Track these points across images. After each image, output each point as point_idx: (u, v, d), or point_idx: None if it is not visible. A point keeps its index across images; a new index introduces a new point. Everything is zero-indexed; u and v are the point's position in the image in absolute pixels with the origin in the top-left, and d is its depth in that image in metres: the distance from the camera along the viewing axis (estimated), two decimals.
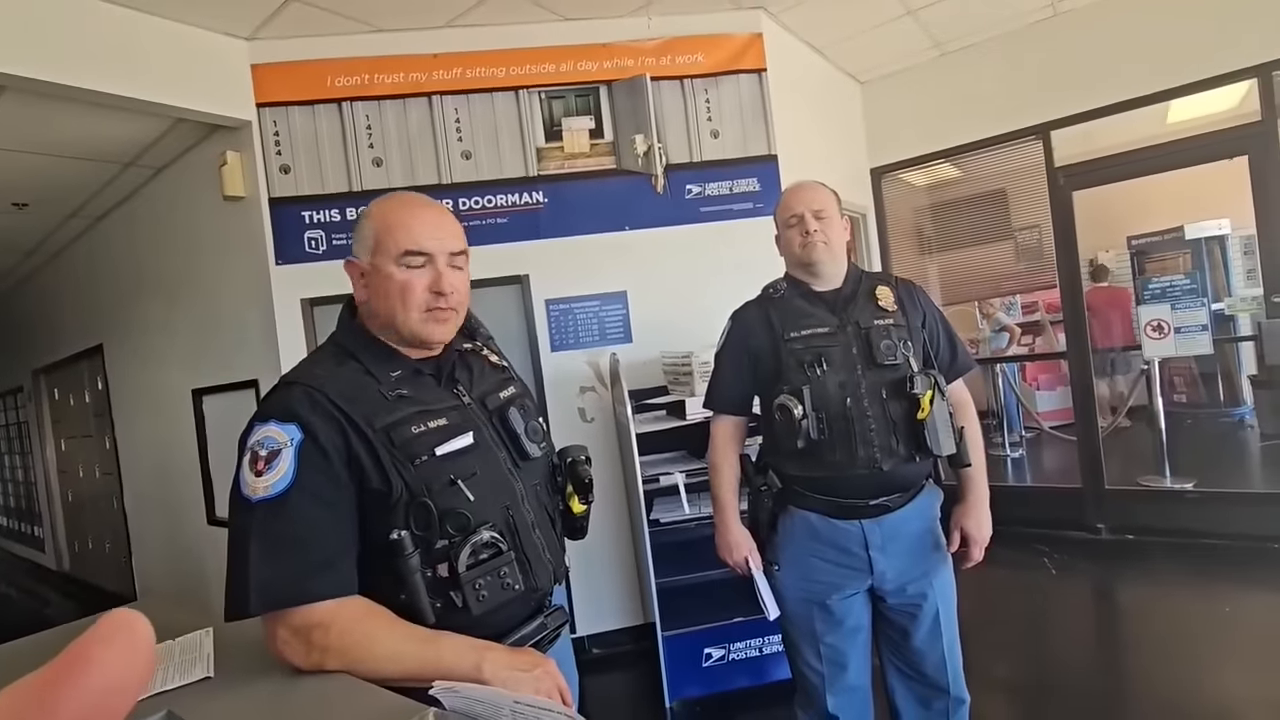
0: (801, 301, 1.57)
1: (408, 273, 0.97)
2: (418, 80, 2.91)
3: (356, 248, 1.00)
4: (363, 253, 0.99)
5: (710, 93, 3.07)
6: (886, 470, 1.45)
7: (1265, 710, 2.14)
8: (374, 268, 0.98)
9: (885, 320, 1.51)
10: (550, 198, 2.98)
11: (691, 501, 2.64)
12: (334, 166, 2.86)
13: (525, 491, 1.04)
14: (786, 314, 1.55)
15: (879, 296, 1.54)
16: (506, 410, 1.06)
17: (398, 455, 0.91)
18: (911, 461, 1.46)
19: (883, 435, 1.44)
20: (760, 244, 3.11)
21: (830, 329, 1.51)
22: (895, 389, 1.45)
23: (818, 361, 1.47)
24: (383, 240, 0.97)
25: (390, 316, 0.98)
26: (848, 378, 1.47)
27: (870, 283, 1.58)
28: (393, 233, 0.97)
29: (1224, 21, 3.14)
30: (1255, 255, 3.27)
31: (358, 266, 0.99)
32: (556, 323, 2.99)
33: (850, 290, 1.57)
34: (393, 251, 0.97)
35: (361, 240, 0.99)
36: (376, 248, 0.98)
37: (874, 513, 1.48)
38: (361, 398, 0.93)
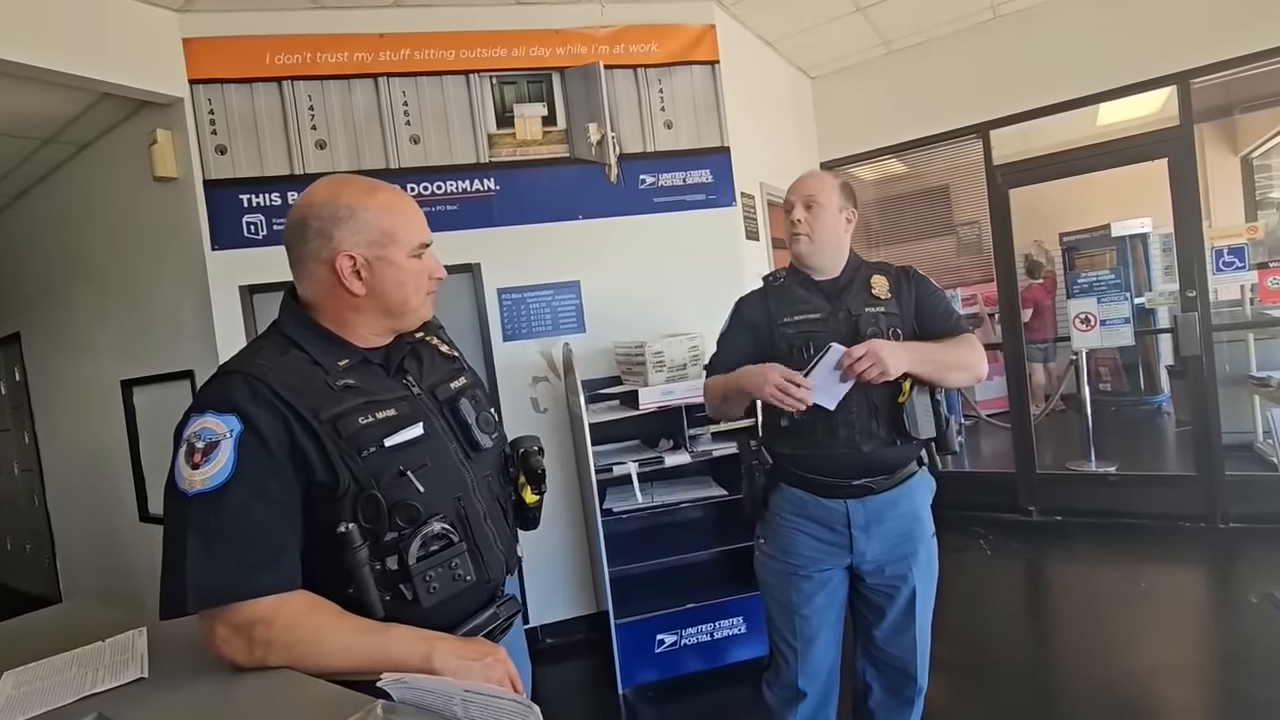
0: (799, 289, 1.61)
1: (419, 262, 1.00)
2: (363, 60, 2.82)
3: (347, 239, 0.95)
4: (360, 245, 0.95)
5: (664, 83, 3.07)
6: (866, 451, 1.50)
7: (1178, 674, 2.32)
8: (381, 260, 0.97)
9: (876, 308, 1.55)
10: (502, 185, 2.94)
11: (644, 490, 2.67)
12: (274, 148, 2.74)
13: (477, 482, 1.03)
14: (783, 300, 1.60)
15: (874, 285, 1.58)
16: (457, 401, 1.05)
17: (344, 447, 0.89)
18: (892, 445, 1.51)
19: (863, 417, 1.49)
20: (713, 235, 3.16)
21: (822, 315, 1.55)
22: None
23: (806, 345, 1.51)
24: (397, 234, 0.97)
25: (400, 305, 1.00)
26: None
27: (868, 272, 1.61)
28: (408, 226, 0.99)
29: (1147, 32, 3.32)
30: (1173, 252, 3.48)
31: (352, 258, 0.95)
32: (509, 312, 2.95)
33: (847, 279, 1.60)
34: (409, 244, 0.99)
35: (358, 232, 0.95)
36: (386, 240, 0.97)
37: (858, 493, 1.52)
38: (306, 388, 0.90)
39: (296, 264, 0.99)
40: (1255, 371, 4.30)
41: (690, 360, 2.63)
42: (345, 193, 0.97)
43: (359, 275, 0.96)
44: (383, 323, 1.02)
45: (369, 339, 1.01)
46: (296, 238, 0.97)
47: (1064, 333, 5.72)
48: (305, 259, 0.97)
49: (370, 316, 1.00)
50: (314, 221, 0.95)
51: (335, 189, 0.97)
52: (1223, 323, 3.79)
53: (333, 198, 0.96)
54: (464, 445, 1.03)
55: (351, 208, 0.95)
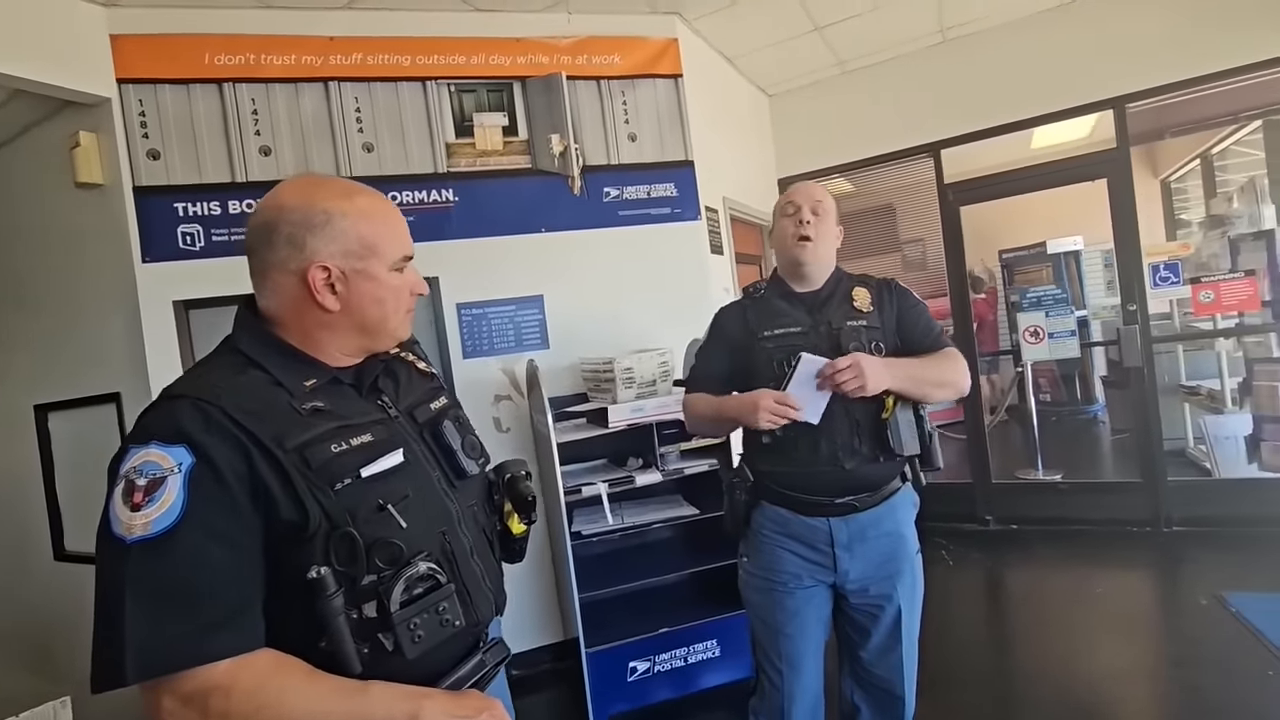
0: (780, 302, 1.58)
1: (400, 277, 0.91)
2: (312, 64, 2.67)
3: (322, 248, 0.84)
4: (336, 256, 0.85)
5: (627, 95, 3.03)
6: (849, 469, 1.47)
7: (1138, 677, 2.37)
8: (359, 273, 0.87)
9: (858, 322, 1.52)
10: (461, 196, 2.82)
11: (614, 511, 2.58)
12: (214, 154, 2.56)
13: (462, 514, 0.93)
14: (763, 313, 1.57)
15: (855, 298, 1.56)
16: (439, 423, 0.95)
17: (314, 479, 0.78)
18: (875, 462, 1.48)
19: (845, 434, 1.47)
20: (679, 249, 3.12)
21: (803, 328, 1.52)
22: None
23: (787, 360, 1.47)
24: (378, 245, 0.88)
25: (378, 324, 0.90)
26: None
27: (849, 284, 1.59)
28: (391, 236, 0.90)
29: (1087, 57, 3.48)
30: (1114, 268, 3.63)
31: (327, 270, 0.85)
32: (469, 328, 2.83)
33: (829, 292, 1.58)
34: (392, 257, 0.89)
35: (334, 240, 0.85)
36: (366, 252, 0.87)
37: (841, 511, 1.49)
38: (269, 412, 0.79)
39: (259, 272, 0.87)
40: (1185, 381, 4.54)
41: (660, 376, 2.57)
42: (321, 195, 0.86)
43: (333, 289, 0.86)
44: (356, 342, 0.91)
45: (338, 358, 0.90)
46: (262, 243, 0.85)
47: (1004, 345, 5.97)
48: (271, 268, 0.86)
49: (342, 335, 0.89)
50: (284, 226, 0.84)
51: (310, 190, 0.86)
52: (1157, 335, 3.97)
53: (307, 201, 0.85)
54: (447, 473, 0.94)
55: (328, 213, 0.85)
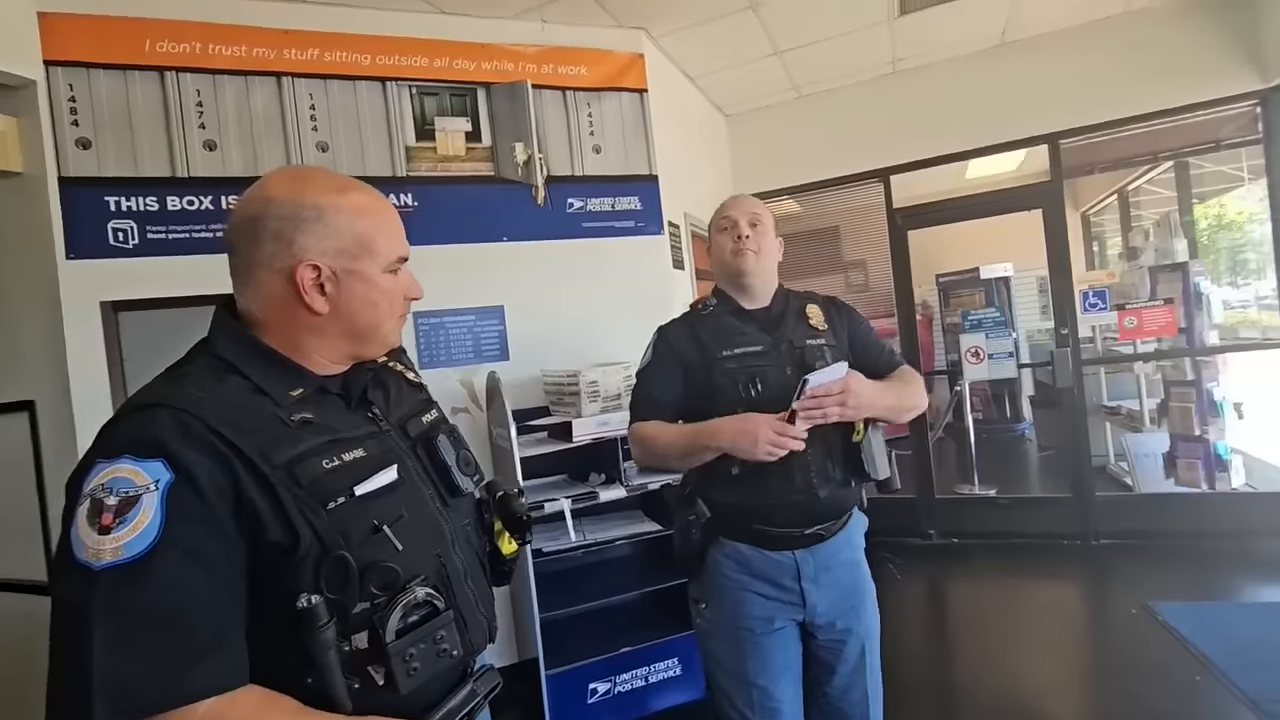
0: (732, 319, 1.49)
1: (394, 279, 0.86)
2: (264, 57, 2.54)
3: (312, 246, 0.78)
4: (327, 254, 0.79)
5: (593, 107, 3.01)
6: (823, 497, 1.38)
7: (1074, 685, 2.49)
8: (352, 274, 0.81)
9: (818, 340, 1.47)
10: (421, 201, 2.73)
11: (577, 528, 2.52)
12: (153, 146, 2.39)
13: (455, 534, 0.87)
14: (717, 332, 1.46)
15: (809, 315, 1.50)
16: (433, 438, 0.89)
17: (305, 498, 0.71)
18: (847, 486, 1.42)
19: (819, 459, 1.38)
20: (642, 263, 3.12)
21: (763, 348, 1.44)
22: None
23: (752, 382, 1.39)
24: (373, 244, 0.82)
25: (370, 329, 0.85)
26: (784, 398, 1.37)
27: (799, 301, 1.54)
28: (387, 235, 0.84)
29: (1026, 94, 3.70)
30: (1048, 294, 3.85)
31: (317, 269, 0.78)
32: (426, 338, 2.73)
33: (780, 309, 1.52)
34: (387, 257, 0.84)
35: (327, 238, 0.79)
36: (360, 251, 0.81)
37: (808, 542, 1.40)
38: (254, 424, 0.72)
39: (241, 271, 0.80)
40: (1107, 401, 4.85)
41: (625, 390, 2.54)
42: (312, 189, 0.80)
43: (323, 290, 0.79)
44: (344, 348, 0.85)
45: (324, 365, 0.84)
46: (245, 239, 0.79)
47: (939, 365, 6.24)
48: (254, 266, 0.79)
49: (330, 340, 0.83)
50: (271, 221, 0.77)
51: (299, 183, 0.80)
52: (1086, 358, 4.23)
53: (296, 194, 0.79)
54: (441, 491, 0.88)
55: (319, 208, 0.79)
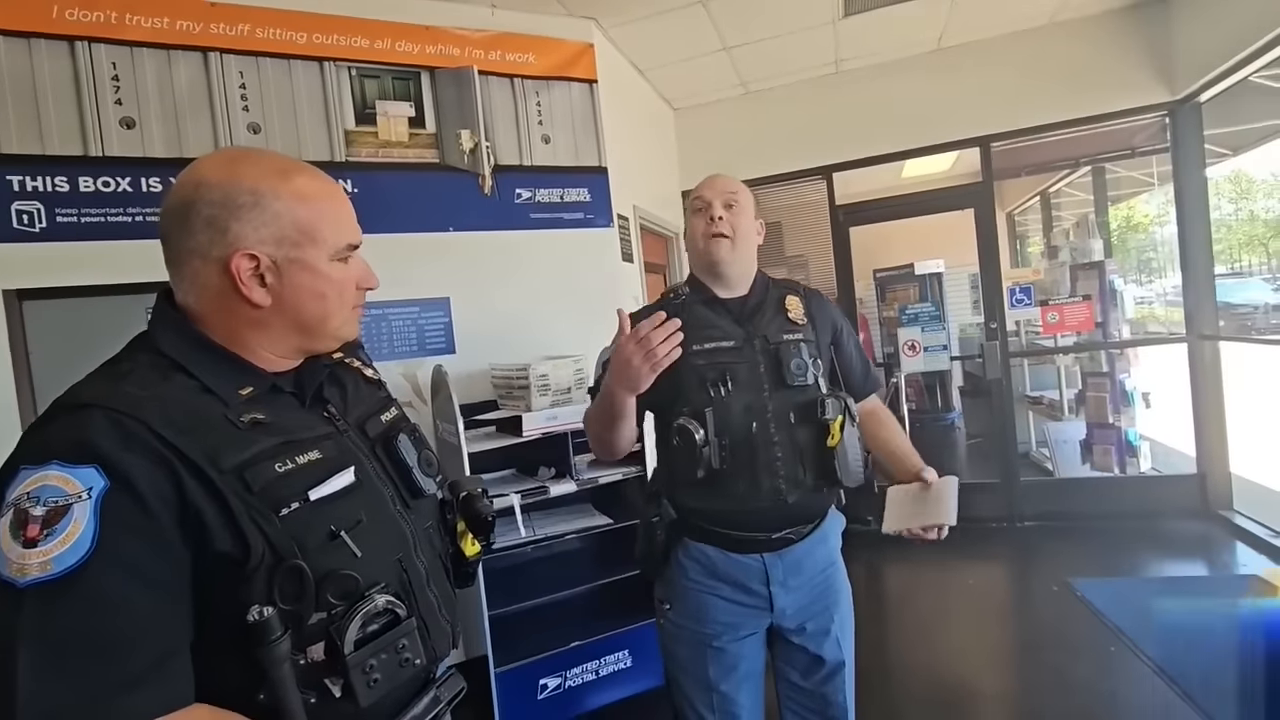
0: (705, 310, 1.39)
1: (344, 268, 0.80)
2: (188, 30, 2.39)
3: (249, 234, 0.72)
4: (266, 242, 0.73)
5: (541, 96, 2.96)
6: (791, 503, 1.31)
7: (1002, 658, 2.66)
8: (295, 263, 0.75)
9: (795, 335, 1.38)
10: (361, 188, 2.63)
11: (526, 523, 2.49)
12: (63, 122, 2.21)
13: (417, 537, 0.84)
14: (688, 324, 1.31)
15: (788, 307, 1.41)
16: (393, 437, 0.86)
17: (256, 504, 0.67)
18: (818, 492, 1.35)
19: (789, 464, 1.31)
20: (591, 256, 3.09)
21: (736, 343, 1.35)
22: (804, 413, 1.33)
23: (722, 380, 1.31)
24: (318, 231, 0.77)
25: (318, 322, 0.79)
26: (754, 399, 1.32)
27: (779, 291, 1.44)
28: (335, 221, 0.79)
29: (960, 98, 3.85)
30: (979, 289, 4.03)
31: (255, 259, 0.73)
32: (368, 330, 2.63)
33: (758, 299, 1.42)
34: (334, 245, 0.78)
35: (265, 225, 0.73)
36: (303, 239, 0.75)
37: (776, 546, 1.34)
38: (200, 426, 0.67)
39: (175, 261, 0.75)
40: (1030, 391, 5.13)
41: (575, 384, 2.52)
42: (248, 172, 0.74)
43: (262, 281, 0.74)
44: (291, 342, 0.80)
45: (273, 361, 0.79)
46: (177, 226, 0.73)
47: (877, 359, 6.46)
48: (188, 255, 0.73)
49: (276, 334, 0.78)
50: (204, 207, 0.72)
51: (234, 166, 0.74)
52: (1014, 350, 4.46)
53: (231, 177, 0.73)
54: (402, 492, 0.85)
55: (257, 193, 0.73)
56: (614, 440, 1.35)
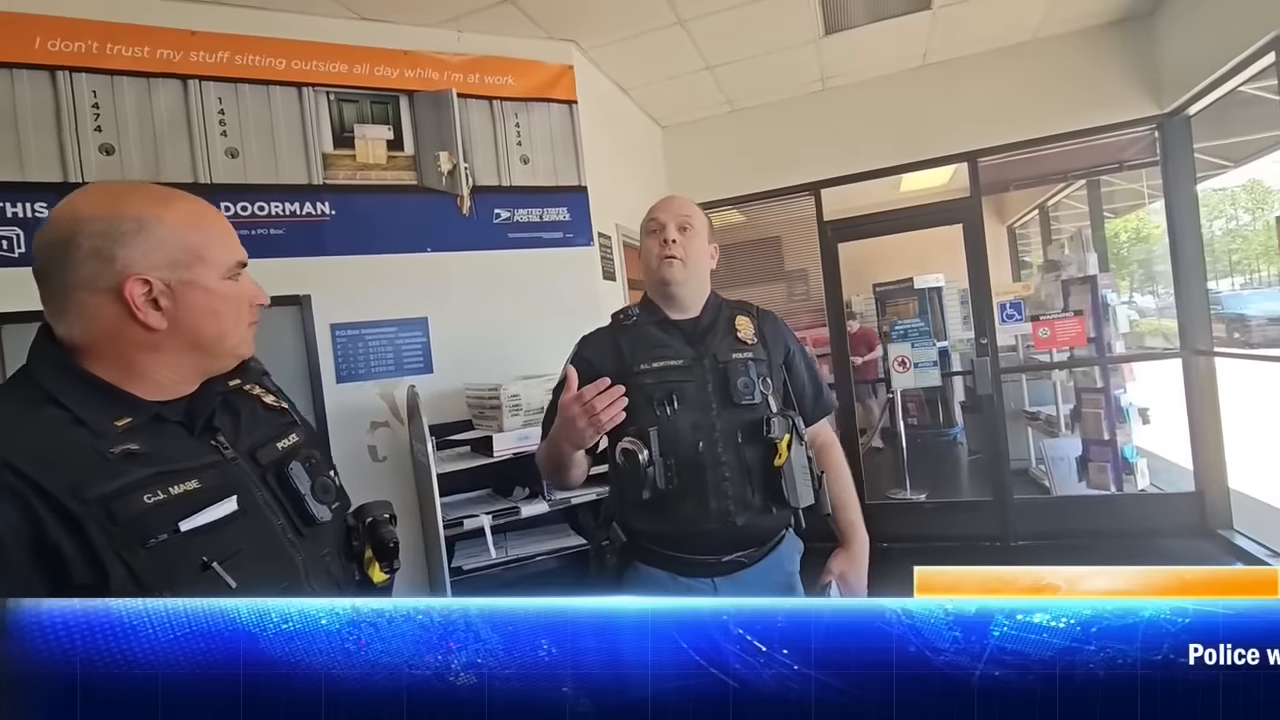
0: (656, 330, 1.40)
1: (236, 286, 0.82)
2: (168, 59, 2.44)
3: (138, 259, 0.73)
4: (157, 266, 0.75)
5: (520, 117, 2.99)
6: (740, 525, 1.30)
7: None
8: (188, 284, 0.77)
9: (744, 354, 1.38)
10: (339, 210, 2.66)
11: (497, 544, 2.48)
12: (42, 149, 2.26)
13: (310, 566, 0.84)
14: (638, 343, 1.38)
15: (739, 327, 1.41)
16: (286, 464, 0.86)
17: (119, 536, 0.67)
18: (768, 513, 1.33)
19: (737, 485, 1.30)
20: (571, 275, 3.10)
21: (685, 361, 1.36)
22: (751, 432, 1.32)
23: (669, 399, 1.31)
24: (206, 251, 0.79)
25: (215, 340, 0.81)
26: (701, 418, 1.33)
27: (730, 312, 1.45)
28: (221, 241, 0.81)
29: (946, 113, 3.83)
30: (969, 304, 3.99)
31: (148, 283, 0.74)
32: (344, 350, 2.65)
33: (710, 320, 1.43)
34: (224, 264, 0.81)
35: (154, 250, 0.74)
36: (192, 259, 0.77)
37: (727, 569, 1.33)
38: (64, 459, 0.68)
39: (56, 297, 0.75)
40: (1029, 406, 5.06)
41: (548, 404, 2.51)
42: (128, 202, 0.75)
43: (157, 305, 0.75)
44: (189, 362, 0.81)
45: (169, 386, 0.79)
46: (56, 263, 0.74)
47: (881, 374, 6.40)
48: (73, 289, 0.74)
49: (172, 356, 0.79)
50: (85, 240, 0.72)
51: (112, 198, 0.76)
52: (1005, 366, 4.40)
53: (111, 208, 0.74)
54: (294, 521, 0.84)
55: (140, 219, 0.74)
56: (564, 480, 1.38)
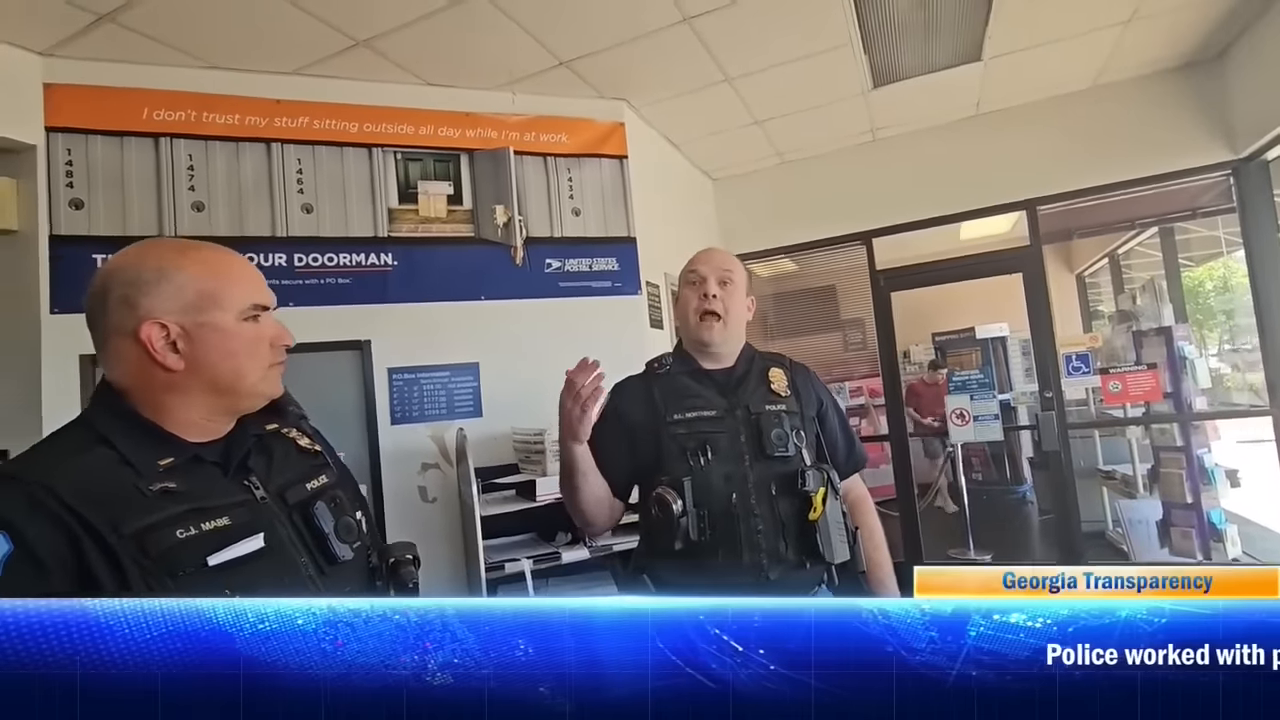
0: (689, 380, 1.40)
1: (255, 327, 0.87)
2: (255, 125, 2.68)
3: (156, 306, 0.81)
4: (172, 312, 0.82)
5: (573, 172, 3.12)
6: (773, 579, 1.27)
7: None
8: (203, 326, 0.83)
9: (777, 405, 1.37)
10: (400, 260, 2.82)
11: (539, 588, 2.48)
12: (143, 207, 2.50)
13: None
14: (671, 393, 1.37)
15: (772, 379, 1.41)
16: (312, 505, 0.90)
17: (151, 569, 0.73)
18: (801, 568, 1.30)
19: (770, 538, 1.29)
20: (618, 322, 3.16)
21: (718, 412, 1.35)
22: (785, 484, 1.31)
23: (702, 449, 1.31)
24: (219, 295, 0.84)
25: (232, 380, 0.85)
26: (734, 469, 1.31)
27: (763, 364, 1.45)
28: (237, 285, 0.86)
29: (1002, 162, 3.78)
30: (1031, 356, 3.84)
31: (164, 327, 0.81)
32: (399, 393, 2.76)
33: (743, 370, 1.43)
34: (239, 305, 0.85)
35: (170, 297, 0.82)
36: (206, 304, 0.83)
37: None
38: (108, 495, 0.74)
39: (100, 343, 0.84)
40: (1102, 465, 4.76)
41: None
42: (153, 254, 0.84)
43: (175, 348, 0.81)
44: (213, 403, 0.86)
45: (202, 427, 0.85)
46: (97, 311, 0.82)
47: None
48: (109, 334, 0.82)
49: (195, 397, 0.84)
50: (116, 288, 0.81)
51: (142, 251, 0.84)
52: (1074, 421, 4.18)
53: (138, 260, 0.83)
54: (317, 559, 0.88)
55: (161, 269, 0.82)
56: (580, 503, 1.34)
